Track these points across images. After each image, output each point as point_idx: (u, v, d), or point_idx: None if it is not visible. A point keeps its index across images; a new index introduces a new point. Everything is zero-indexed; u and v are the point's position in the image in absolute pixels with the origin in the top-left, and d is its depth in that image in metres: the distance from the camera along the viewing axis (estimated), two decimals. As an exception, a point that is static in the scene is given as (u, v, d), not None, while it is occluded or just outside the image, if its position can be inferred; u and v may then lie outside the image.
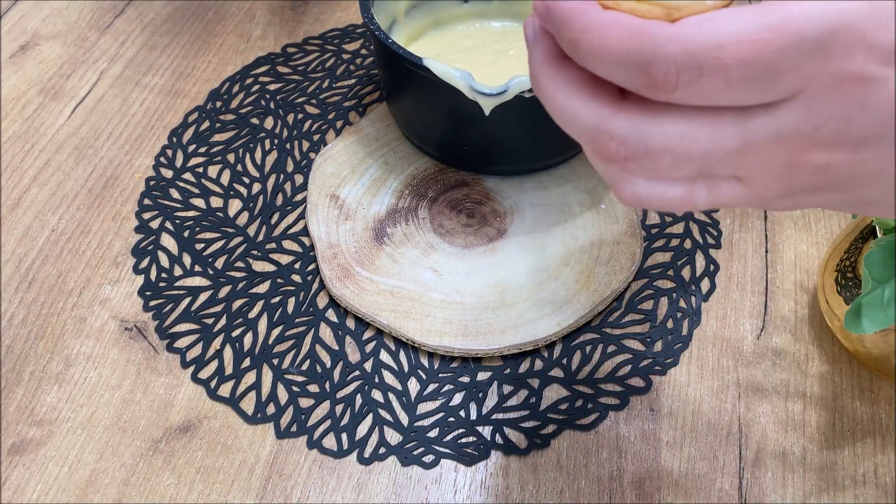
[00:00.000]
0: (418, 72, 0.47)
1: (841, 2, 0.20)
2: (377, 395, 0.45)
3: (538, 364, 0.46)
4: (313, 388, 0.45)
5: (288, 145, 0.58)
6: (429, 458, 0.43)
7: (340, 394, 0.45)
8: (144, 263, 0.51)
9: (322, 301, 0.49)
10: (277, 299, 0.49)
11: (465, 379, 0.46)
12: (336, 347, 0.47)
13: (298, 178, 0.55)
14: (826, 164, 0.22)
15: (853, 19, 0.20)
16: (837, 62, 0.20)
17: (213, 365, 0.46)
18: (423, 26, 0.59)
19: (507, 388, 0.45)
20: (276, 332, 0.47)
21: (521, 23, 0.61)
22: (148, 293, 0.49)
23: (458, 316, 0.47)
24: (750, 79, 0.20)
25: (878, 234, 0.41)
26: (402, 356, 0.47)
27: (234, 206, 0.54)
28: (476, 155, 0.53)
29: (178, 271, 0.50)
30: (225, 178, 0.56)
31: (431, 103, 0.51)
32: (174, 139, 0.58)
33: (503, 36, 0.59)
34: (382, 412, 0.44)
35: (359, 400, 0.45)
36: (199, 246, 0.52)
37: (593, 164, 0.25)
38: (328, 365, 0.46)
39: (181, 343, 0.47)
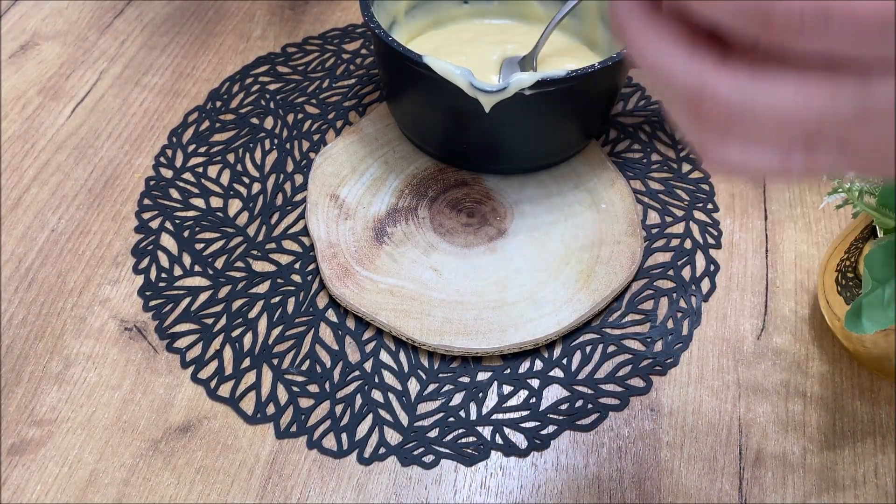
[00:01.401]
0: (418, 69, 0.47)
1: None
2: (377, 395, 0.45)
3: (538, 364, 0.46)
4: (313, 388, 0.45)
5: (288, 145, 0.58)
6: (429, 458, 0.43)
7: (340, 394, 0.45)
8: (144, 263, 0.51)
9: (322, 301, 0.49)
10: (277, 299, 0.49)
11: (465, 379, 0.46)
12: (336, 347, 0.47)
13: (298, 178, 0.55)
14: None
15: None
16: None
17: (213, 365, 0.46)
18: (423, 26, 0.59)
19: (507, 389, 0.45)
20: (276, 332, 0.47)
21: (520, 22, 0.61)
22: (148, 293, 0.49)
23: (458, 315, 0.47)
24: (883, 33, 0.18)
25: (879, 234, 0.41)
26: (402, 356, 0.47)
27: (234, 206, 0.54)
28: (476, 153, 0.53)
29: (177, 271, 0.50)
30: (225, 178, 0.55)
31: (431, 101, 0.51)
32: (174, 139, 0.58)
33: (503, 32, 0.59)
34: (382, 412, 0.44)
35: (359, 400, 0.45)
36: (198, 246, 0.52)
37: (681, 124, 0.22)
38: (328, 365, 0.46)
39: (181, 343, 0.47)
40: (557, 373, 0.46)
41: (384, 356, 0.47)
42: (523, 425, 0.44)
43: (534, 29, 0.59)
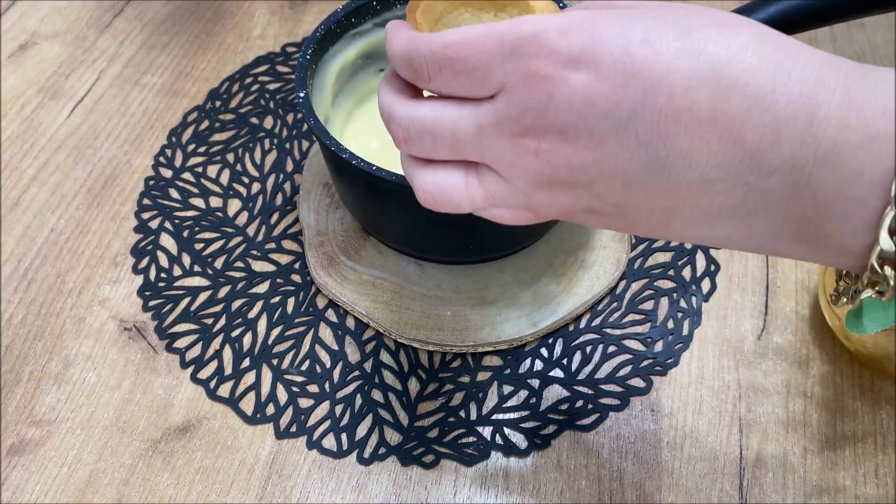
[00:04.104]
0: (373, 181, 0.41)
1: (539, 18, 0.26)
2: (377, 395, 0.45)
3: (538, 364, 0.46)
4: (313, 388, 0.45)
5: (287, 145, 0.58)
6: (429, 458, 0.43)
7: (340, 394, 0.45)
8: (144, 263, 0.51)
9: (322, 301, 0.49)
10: (277, 299, 0.49)
11: (465, 379, 0.46)
12: (336, 347, 0.47)
13: (298, 178, 0.55)
14: (540, 150, 0.26)
15: (541, 31, 0.25)
16: (526, 63, 0.25)
17: (213, 365, 0.46)
18: (350, 106, 0.53)
19: (507, 388, 0.45)
20: (275, 332, 0.47)
21: None
22: (147, 293, 0.49)
23: (436, 311, 0.47)
24: (468, 72, 0.26)
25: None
26: (402, 356, 0.46)
27: (234, 205, 0.54)
28: (459, 248, 0.48)
29: (177, 271, 0.50)
30: (224, 177, 0.55)
31: (388, 207, 0.45)
32: (173, 139, 0.58)
33: None
34: (382, 412, 0.44)
35: (359, 400, 0.45)
36: (198, 246, 0.51)
37: (402, 163, 0.30)
38: (328, 365, 0.46)
39: (180, 343, 0.47)
40: (558, 373, 0.46)
41: (384, 356, 0.46)
42: (523, 425, 0.44)
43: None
